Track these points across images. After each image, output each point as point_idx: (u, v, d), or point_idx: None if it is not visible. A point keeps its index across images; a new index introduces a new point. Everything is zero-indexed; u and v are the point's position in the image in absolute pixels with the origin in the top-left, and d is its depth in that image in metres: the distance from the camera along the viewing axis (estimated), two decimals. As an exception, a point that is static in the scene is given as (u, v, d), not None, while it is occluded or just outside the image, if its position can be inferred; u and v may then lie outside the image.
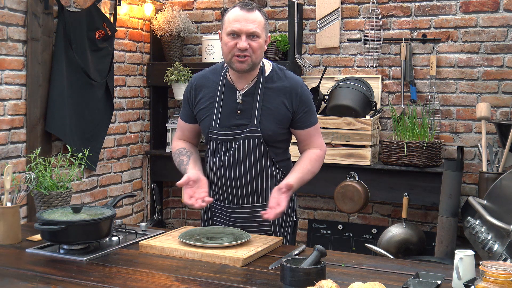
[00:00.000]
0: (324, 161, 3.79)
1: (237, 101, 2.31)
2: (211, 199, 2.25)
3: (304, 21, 4.26)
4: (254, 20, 2.22)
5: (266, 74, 2.34)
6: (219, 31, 2.34)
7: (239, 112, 2.31)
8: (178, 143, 2.50)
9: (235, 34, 2.21)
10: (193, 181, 2.23)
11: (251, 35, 2.21)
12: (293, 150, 2.49)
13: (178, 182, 2.22)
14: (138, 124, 4.49)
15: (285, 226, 2.47)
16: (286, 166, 2.44)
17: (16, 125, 3.42)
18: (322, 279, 1.66)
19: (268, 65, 2.37)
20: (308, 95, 2.37)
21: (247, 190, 2.36)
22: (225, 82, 2.35)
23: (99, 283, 1.82)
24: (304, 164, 2.36)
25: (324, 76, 4.05)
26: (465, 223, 3.15)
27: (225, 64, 2.35)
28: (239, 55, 2.22)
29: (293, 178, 2.28)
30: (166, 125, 4.43)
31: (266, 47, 2.30)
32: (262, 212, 2.19)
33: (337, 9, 4.13)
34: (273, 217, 2.18)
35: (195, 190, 2.24)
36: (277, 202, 2.19)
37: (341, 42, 4.17)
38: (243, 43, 2.20)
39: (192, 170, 2.31)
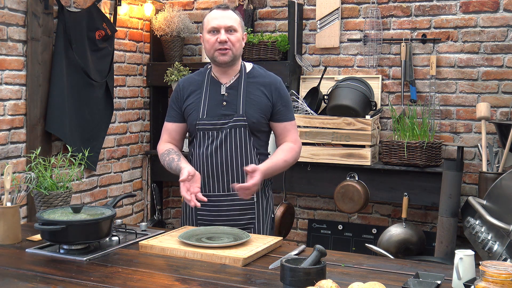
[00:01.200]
0: (324, 161, 3.87)
1: (222, 93, 2.51)
2: (205, 199, 2.34)
3: (304, 21, 4.26)
4: (230, 16, 2.49)
5: (247, 71, 2.56)
6: (200, 34, 2.60)
7: (224, 103, 2.49)
8: (164, 145, 2.63)
9: (215, 30, 2.47)
10: (191, 176, 2.34)
11: (229, 30, 2.46)
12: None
13: (181, 178, 2.32)
14: (138, 124, 4.49)
15: (263, 223, 2.56)
16: (265, 160, 2.55)
17: (16, 125, 3.42)
18: (322, 279, 1.66)
19: (249, 65, 2.61)
20: (286, 92, 2.59)
21: (232, 177, 2.48)
22: (210, 79, 2.56)
23: (99, 283, 1.83)
24: (277, 154, 2.52)
25: (324, 76, 4.05)
26: (465, 223, 3.15)
27: (209, 66, 2.60)
28: (220, 48, 2.45)
29: (263, 164, 2.43)
30: (166, 125, 4.43)
31: (244, 44, 2.54)
32: (233, 184, 2.38)
33: (337, 9, 4.13)
34: (239, 189, 2.31)
35: (191, 184, 2.35)
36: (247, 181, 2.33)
37: (341, 42, 4.17)
38: (222, 36, 2.44)
39: (187, 165, 2.41)
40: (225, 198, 2.50)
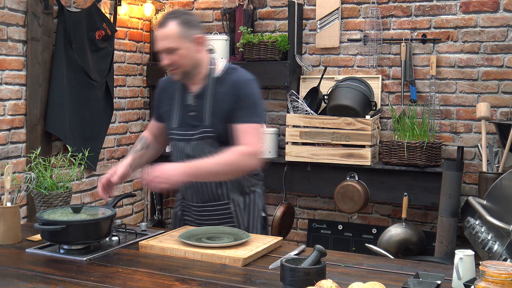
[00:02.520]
0: (324, 161, 3.87)
1: (189, 103, 2.42)
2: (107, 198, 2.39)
3: (304, 21, 4.26)
4: (166, 35, 2.30)
5: (216, 75, 2.41)
6: None
7: (192, 113, 2.41)
8: (146, 132, 2.67)
9: (159, 52, 2.36)
10: (107, 180, 2.36)
11: (169, 51, 2.31)
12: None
13: (104, 176, 2.37)
14: (138, 124, 4.49)
15: (252, 223, 2.53)
16: None
17: (16, 125, 3.42)
18: (322, 279, 1.66)
19: (221, 65, 2.45)
20: (251, 92, 2.37)
21: (206, 189, 2.45)
22: (181, 86, 2.46)
23: (99, 283, 1.82)
24: (215, 156, 2.30)
25: (324, 76, 4.05)
26: (465, 223, 3.15)
27: None
28: (168, 69, 2.36)
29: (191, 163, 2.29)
30: (166, 125, 4.43)
31: (200, 47, 2.36)
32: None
33: (337, 9, 4.13)
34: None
35: (108, 185, 2.38)
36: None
37: (341, 42, 4.17)
38: (164, 60, 2.34)
39: (123, 163, 2.43)
40: (201, 208, 2.49)
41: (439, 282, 1.78)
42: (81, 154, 2.63)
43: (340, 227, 4.23)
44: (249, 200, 2.52)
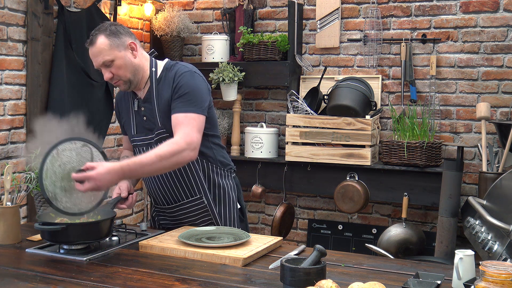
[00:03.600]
0: (324, 161, 3.88)
1: (140, 108, 2.44)
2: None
3: (304, 21, 4.26)
4: (98, 52, 2.30)
5: (158, 76, 2.41)
6: None
7: (145, 118, 2.43)
8: (124, 152, 2.68)
9: (98, 69, 2.35)
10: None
11: (105, 65, 2.32)
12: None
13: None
14: (138, 124, 4.49)
15: (229, 216, 2.55)
16: (208, 154, 2.49)
17: (16, 125, 3.42)
18: (322, 279, 1.66)
19: (161, 65, 2.45)
20: (187, 83, 2.34)
21: (176, 188, 2.47)
22: (131, 92, 2.48)
23: (99, 283, 1.83)
24: (151, 151, 2.24)
25: (324, 76, 4.05)
26: (465, 223, 3.15)
27: None
28: (112, 83, 2.37)
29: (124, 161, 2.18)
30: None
31: (135, 53, 2.36)
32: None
33: (337, 9, 4.13)
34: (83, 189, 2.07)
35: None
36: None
37: (341, 42, 4.17)
38: (104, 75, 2.34)
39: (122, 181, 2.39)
40: (174, 208, 2.52)
41: (439, 282, 1.78)
42: (81, 154, 2.63)
43: (340, 227, 4.23)
44: (222, 193, 2.53)
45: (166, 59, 2.51)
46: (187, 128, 2.26)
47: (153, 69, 2.42)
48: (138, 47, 2.40)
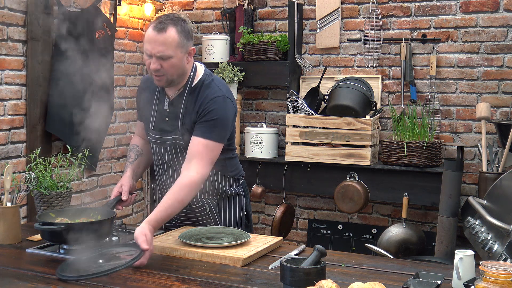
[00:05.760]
0: (324, 161, 3.88)
1: (165, 108, 2.39)
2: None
3: (304, 21, 4.26)
4: (164, 42, 2.21)
5: (193, 84, 2.36)
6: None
7: (166, 119, 2.39)
8: (135, 139, 2.64)
9: (149, 54, 2.25)
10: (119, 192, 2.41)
11: (161, 57, 2.23)
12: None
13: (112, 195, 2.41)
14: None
15: (233, 223, 2.53)
16: (219, 169, 2.44)
17: (16, 125, 3.42)
18: (322, 279, 1.66)
19: (200, 72, 2.40)
20: (217, 110, 2.30)
21: None
22: (160, 88, 2.42)
23: (99, 283, 1.82)
24: (170, 196, 2.21)
25: (324, 76, 4.05)
26: (465, 223, 3.15)
27: None
28: (154, 74, 2.28)
29: (151, 218, 2.15)
30: (166, 125, 4.43)
31: (190, 59, 2.32)
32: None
33: (337, 9, 4.13)
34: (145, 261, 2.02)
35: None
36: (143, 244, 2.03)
37: (341, 42, 4.17)
38: (153, 64, 2.24)
39: (124, 178, 2.45)
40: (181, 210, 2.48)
41: (439, 282, 1.78)
42: (81, 154, 2.63)
43: (340, 227, 4.23)
44: (228, 202, 2.51)
45: (203, 67, 2.44)
46: (203, 162, 2.26)
47: (192, 73, 2.37)
48: (193, 54, 2.36)
